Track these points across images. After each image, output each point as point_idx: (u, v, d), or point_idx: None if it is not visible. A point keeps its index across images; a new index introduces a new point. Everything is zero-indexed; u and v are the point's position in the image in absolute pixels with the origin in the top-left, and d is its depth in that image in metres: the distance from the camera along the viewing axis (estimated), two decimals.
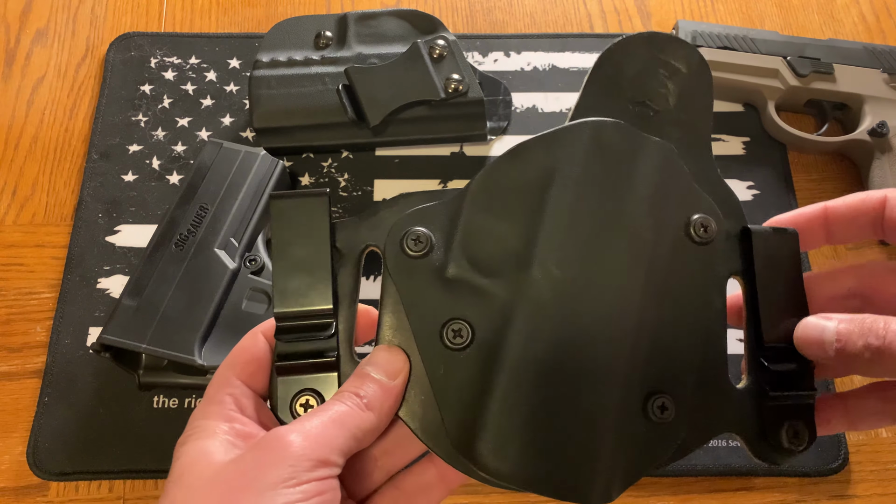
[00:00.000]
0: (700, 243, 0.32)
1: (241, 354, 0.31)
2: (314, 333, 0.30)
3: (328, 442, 0.27)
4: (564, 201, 0.31)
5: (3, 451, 0.50)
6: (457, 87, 0.56)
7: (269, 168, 0.54)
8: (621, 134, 0.32)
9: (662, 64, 0.35)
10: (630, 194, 0.31)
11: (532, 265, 0.30)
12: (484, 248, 0.31)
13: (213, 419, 0.28)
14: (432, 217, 0.32)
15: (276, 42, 0.59)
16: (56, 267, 0.56)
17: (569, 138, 0.32)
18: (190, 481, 0.26)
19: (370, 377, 0.29)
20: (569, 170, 0.31)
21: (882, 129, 0.57)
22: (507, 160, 0.32)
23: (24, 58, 0.64)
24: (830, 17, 0.68)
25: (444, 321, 0.30)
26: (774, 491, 0.50)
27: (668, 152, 0.32)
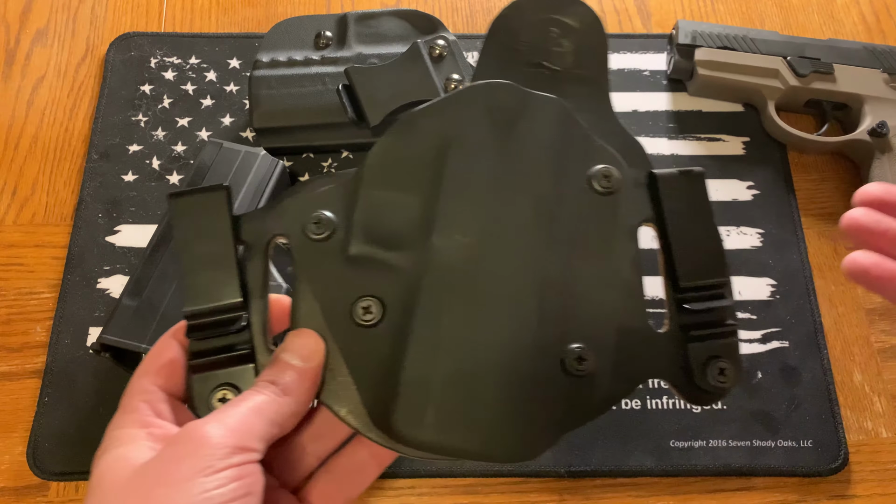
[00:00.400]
0: (604, 193, 0.32)
1: (153, 360, 0.30)
2: (226, 328, 0.30)
3: (245, 430, 0.27)
4: (460, 166, 0.31)
5: (3, 450, 0.50)
6: (457, 87, 0.56)
7: (269, 168, 0.54)
8: (510, 94, 0.32)
9: (555, 23, 0.35)
10: (525, 153, 0.31)
11: (433, 233, 0.30)
12: (384, 223, 0.31)
13: (129, 427, 0.28)
14: (332, 199, 0.32)
15: (276, 42, 0.59)
16: (56, 267, 0.56)
17: (459, 104, 0.32)
18: (107, 485, 0.26)
19: (284, 362, 0.29)
20: (461, 135, 0.31)
21: (882, 129, 0.57)
22: (399, 132, 0.32)
23: (24, 58, 0.64)
24: (830, 17, 0.68)
25: (353, 300, 0.30)
26: (774, 491, 0.50)
27: (560, 107, 0.32)
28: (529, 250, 0.30)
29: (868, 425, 0.52)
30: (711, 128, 0.61)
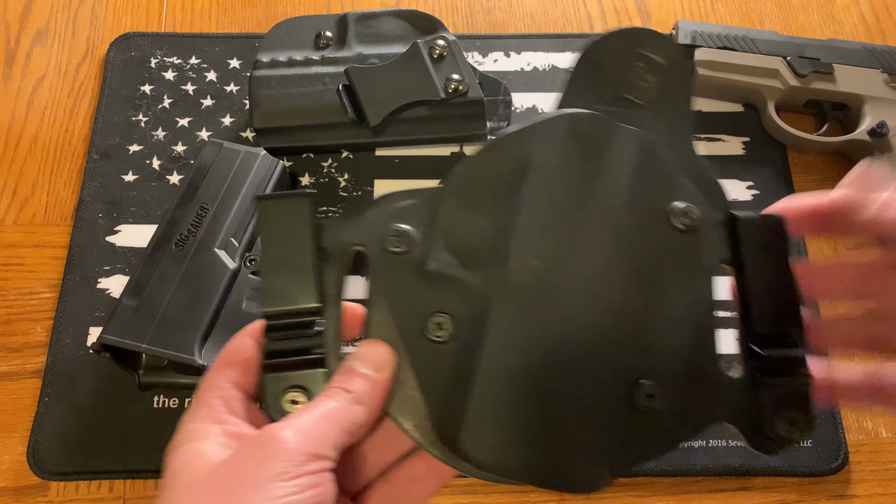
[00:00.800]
0: (683, 231, 0.31)
1: (229, 357, 0.31)
2: (301, 331, 0.31)
3: (320, 436, 0.27)
4: (541, 192, 0.31)
5: (3, 450, 0.50)
6: (457, 87, 0.56)
7: (270, 168, 0.54)
8: (596, 124, 0.32)
9: (642, 58, 0.35)
10: (608, 184, 0.31)
11: (510, 256, 0.30)
12: (463, 242, 0.31)
13: (204, 422, 0.28)
14: (413, 214, 0.32)
15: (276, 42, 0.59)
16: (56, 267, 0.56)
17: (544, 130, 0.32)
18: (185, 481, 0.26)
19: (357, 372, 0.30)
20: (544, 161, 0.31)
21: (882, 129, 0.57)
22: (483, 154, 0.32)
23: (24, 58, 0.64)
24: (830, 17, 0.68)
25: (427, 315, 0.30)
26: (774, 491, 0.50)
27: (645, 141, 0.32)
28: (605, 280, 0.30)
29: (868, 425, 0.52)
30: (711, 128, 0.61)
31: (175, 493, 0.26)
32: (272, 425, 0.27)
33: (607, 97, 0.35)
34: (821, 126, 0.61)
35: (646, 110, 0.35)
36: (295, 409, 0.29)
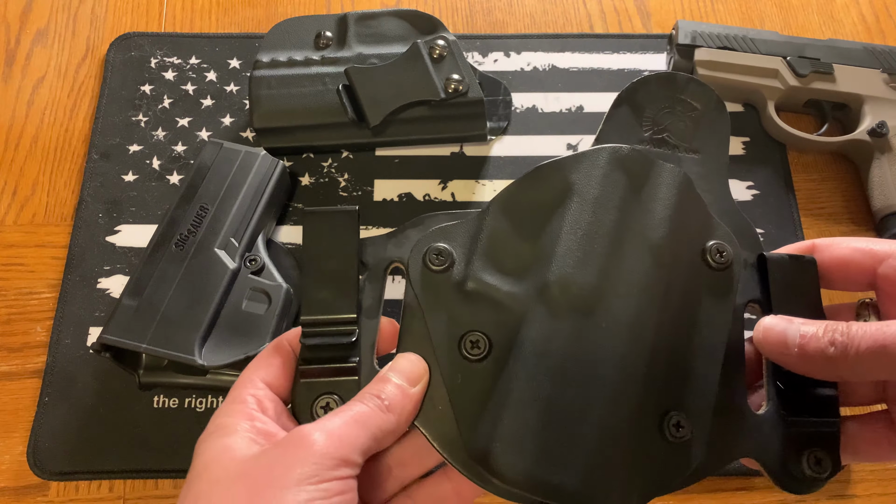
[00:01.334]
0: (717, 269, 0.32)
1: (266, 358, 0.32)
2: (337, 339, 0.31)
3: (350, 441, 0.28)
4: (582, 219, 0.32)
5: (4, 450, 0.50)
6: (457, 87, 0.56)
7: (270, 168, 0.54)
8: (637, 158, 0.33)
9: (679, 102, 0.37)
10: (646, 215, 0.32)
11: (548, 280, 0.31)
12: (502, 263, 0.32)
13: (235, 417, 0.29)
14: (454, 234, 0.33)
15: (276, 42, 0.59)
16: (56, 267, 0.56)
17: (587, 160, 0.33)
18: (214, 475, 0.27)
19: (391, 381, 0.30)
20: (586, 190, 0.32)
21: (882, 129, 0.57)
22: (527, 181, 0.33)
23: (24, 58, 0.64)
24: (830, 17, 0.68)
25: (463, 333, 0.31)
26: (774, 491, 0.50)
27: (683, 178, 0.33)
28: (642, 310, 0.30)
29: None
30: None
31: (202, 487, 0.27)
32: (303, 427, 0.28)
33: (645, 136, 0.36)
34: (821, 126, 0.61)
35: (682, 152, 0.36)
36: None
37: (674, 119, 0.36)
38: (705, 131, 0.36)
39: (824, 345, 0.28)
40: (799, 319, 0.29)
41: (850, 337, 0.27)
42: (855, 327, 0.27)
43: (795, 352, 0.28)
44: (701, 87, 0.37)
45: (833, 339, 0.27)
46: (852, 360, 0.27)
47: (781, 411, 0.31)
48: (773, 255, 0.33)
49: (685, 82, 0.37)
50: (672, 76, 0.37)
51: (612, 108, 0.37)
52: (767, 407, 0.31)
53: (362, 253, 0.33)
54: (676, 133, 0.36)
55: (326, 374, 0.31)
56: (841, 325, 0.28)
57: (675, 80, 0.37)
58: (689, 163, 0.36)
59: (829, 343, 0.27)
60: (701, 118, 0.36)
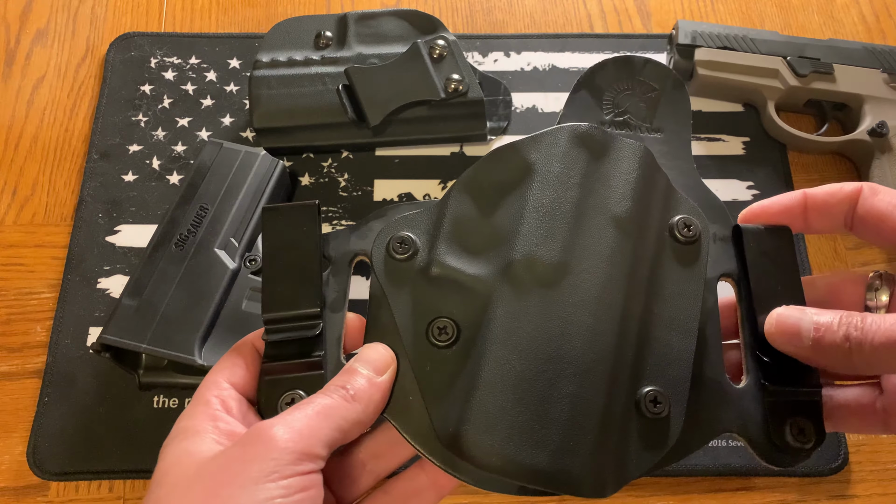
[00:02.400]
0: (685, 242, 0.32)
1: (229, 359, 0.31)
2: (301, 333, 0.31)
3: (312, 433, 0.27)
4: (544, 197, 0.31)
5: (3, 451, 0.50)
6: (457, 87, 0.56)
7: (269, 168, 0.54)
8: (597, 134, 0.33)
9: (639, 84, 0.37)
10: (609, 190, 0.32)
11: (513, 259, 0.30)
12: (466, 246, 0.32)
13: (198, 419, 0.28)
14: (417, 222, 0.33)
15: (276, 42, 0.59)
16: (56, 267, 0.56)
17: (546, 139, 0.33)
18: (173, 480, 0.26)
19: (357, 371, 0.30)
20: (547, 168, 0.32)
21: (882, 129, 0.57)
22: (487, 162, 0.33)
23: (24, 58, 0.64)
24: (830, 17, 0.68)
25: (430, 320, 0.31)
26: (774, 491, 0.50)
27: (644, 152, 0.33)
28: (610, 283, 0.30)
29: None
30: (711, 128, 0.61)
31: (162, 492, 0.26)
32: (263, 422, 0.27)
33: (606, 119, 0.36)
34: (821, 126, 0.61)
35: (644, 132, 0.36)
36: None
37: (633, 100, 0.36)
38: (665, 110, 0.36)
39: (839, 338, 0.27)
40: (812, 309, 0.28)
41: (865, 331, 0.26)
42: (870, 320, 0.26)
43: (809, 344, 0.28)
44: (658, 67, 0.37)
45: (848, 334, 0.27)
46: (867, 354, 0.26)
47: (762, 382, 0.30)
48: (748, 227, 0.33)
49: (642, 64, 0.37)
50: (629, 59, 0.37)
51: (572, 94, 0.37)
52: (747, 379, 0.31)
53: (325, 247, 0.33)
54: (637, 114, 0.36)
55: (291, 370, 0.31)
56: (856, 318, 0.27)
57: (631, 62, 0.37)
58: (651, 142, 0.36)
59: (845, 337, 0.27)
60: (660, 98, 0.36)
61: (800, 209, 0.32)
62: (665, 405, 0.29)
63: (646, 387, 0.29)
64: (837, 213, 0.31)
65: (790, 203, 0.32)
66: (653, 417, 0.29)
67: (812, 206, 0.32)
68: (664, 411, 0.29)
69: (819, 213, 0.32)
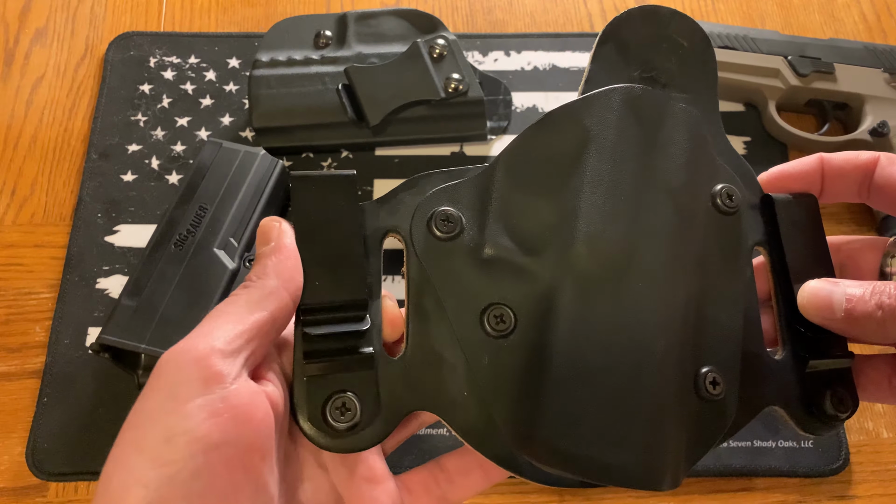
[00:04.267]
0: (726, 213, 0.31)
1: None
2: (347, 326, 0.27)
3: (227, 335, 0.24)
4: (603, 169, 0.29)
5: (2, 451, 0.50)
6: (457, 87, 0.56)
7: (269, 168, 0.54)
8: (652, 99, 0.31)
9: (665, 38, 0.34)
10: (666, 162, 0.30)
11: (576, 240, 0.28)
12: (522, 225, 0.29)
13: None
14: (460, 195, 0.29)
15: (276, 42, 0.59)
16: (55, 267, 0.55)
17: (600, 104, 0.30)
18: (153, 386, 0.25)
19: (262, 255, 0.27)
20: (603, 136, 0.29)
21: (883, 128, 0.57)
22: (536, 130, 0.30)
23: (23, 57, 0.64)
24: (831, 16, 0.67)
25: (484, 307, 0.28)
26: (775, 491, 0.50)
27: (696, 119, 0.31)
28: (672, 265, 0.28)
29: (869, 426, 0.52)
30: None
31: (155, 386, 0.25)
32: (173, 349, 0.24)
33: (634, 75, 0.33)
34: (822, 126, 0.61)
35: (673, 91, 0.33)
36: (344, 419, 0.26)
37: (660, 57, 0.34)
38: (693, 69, 0.34)
39: (872, 308, 0.26)
40: (844, 281, 0.28)
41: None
42: None
43: (842, 316, 0.27)
44: (686, 21, 0.34)
45: (881, 302, 0.26)
46: None
47: (799, 354, 0.30)
48: (779, 196, 0.31)
49: (669, 16, 0.34)
50: (655, 9, 0.34)
51: (598, 47, 0.34)
52: (784, 351, 0.30)
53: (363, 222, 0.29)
54: (665, 72, 0.33)
55: (337, 369, 0.27)
56: (889, 286, 0.26)
57: (658, 13, 0.34)
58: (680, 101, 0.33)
59: (877, 306, 0.26)
60: (688, 56, 0.34)
61: (817, 174, 0.32)
62: (722, 387, 0.28)
63: (703, 368, 0.28)
64: (853, 180, 0.31)
65: (808, 168, 0.32)
66: (711, 399, 0.28)
67: (828, 171, 0.32)
68: (722, 392, 0.28)
69: (835, 178, 0.32)
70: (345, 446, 0.27)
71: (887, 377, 0.31)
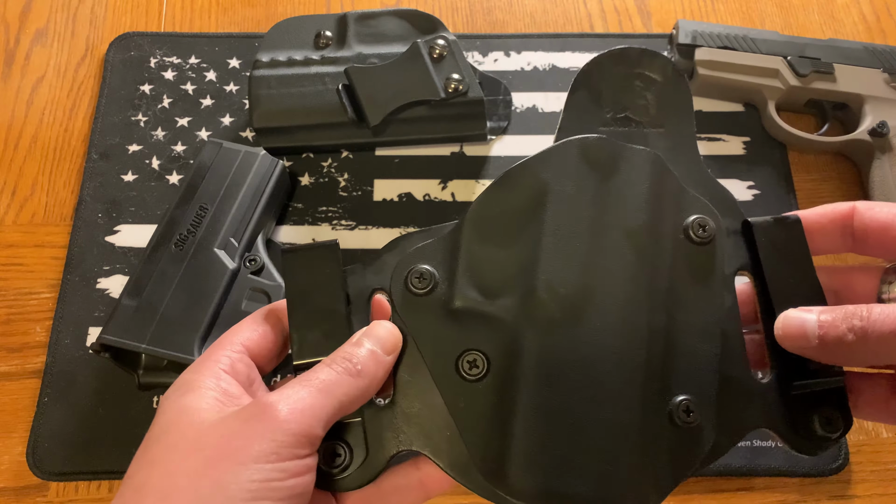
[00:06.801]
0: (700, 243, 0.32)
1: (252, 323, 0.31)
2: None
3: (314, 413, 0.26)
4: (560, 219, 0.31)
5: (3, 451, 0.50)
6: (457, 87, 0.56)
7: (269, 168, 0.54)
8: (606, 147, 0.32)
9: (638, 76, 0.36)
10: (622, 204, 0.32)
11: (536, 287, 0.30)
12: (487, 276, 0.31)
13: (202, 374, 0.28)
14: (433, 253, 0.32)
15: (276, 42, 0.59)
16: (56, 267, 0.56)
17: (556, 158, 0.32)
18: (172, 440, 0.26)
19: (364, 346, 0.29)
20: (560, 188, 0.32)
21: (882, 128, 0.57)
22: (497, 187, 0.33)
23: (23, 58, 0.64)
24: (830, 16, 0.68)
25: (458, 353, 0.30)
26: (775, 491, 0.50)
27: (653, 158, 0.33)
28: (632, 301, 0.30)
29: (868, 425, 0.52)
30: (712, 127, 0.61)
31: (158, 452, 0.26)
32: (267, 396, 0.26)
33: (607, 118, 0.35)
34: (821, 126, 0.61)
35: (647, 128, 0.35)
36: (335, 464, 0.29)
37: (633, 95, 0.35)
38: (667, 103, 0.35)
39: (842, 332, 0.27)
40: (818, 308, 0.29)
41: (871, 321, 0.26)
42: (877, 310, 0.26)
43: (816, 343, 0.28)
44: (655, 57, 0.36)
45: (851, 326, 0.27)
46: (873, 344, 0.26)
47: (786, 376, 0.30)
48: (757, 221, 0.32)
49: (638, 56, 0.36)
50: (624, 51, 0.36)
51: (570, 95, 0.36)
52: (771, 373, 0.31)
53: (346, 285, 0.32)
54: (638, 110, 0.35)
55: None
56: (861, 310, 0.27)
57: (628, 55, 0.36)
58: (655, 138, 0.35)
59: (848, 330, 0.27)
60: (661, 90, 0.35)
61: None
62: (697, 413, 0.29)
63: (677, 397, 0.29)
64: (832, 232, 0.32)
65: None
66: (686, 427, 0.29)
67: (807, 228, 0.32)
68: (697, 420, 0.29)
69: (815, 235, 0.32)
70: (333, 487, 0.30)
71: (885, 398, 0.31)
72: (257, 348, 0.30)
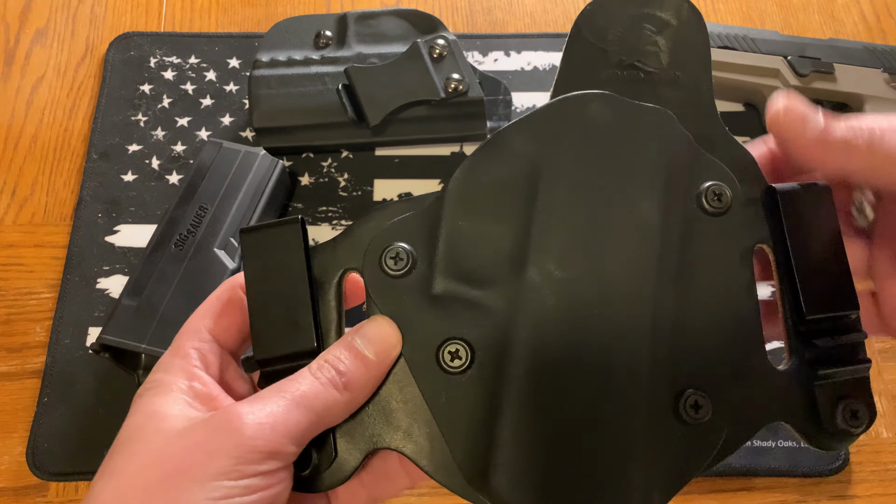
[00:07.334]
0: (715, 214, 0.28)
1: (215, 305, 0.28)
2: None
3: (287, 430, 0.24)
4: (555, 191, 0.27)
5: (3, 451, 0.50)
6: (457, 87, 0.56)
7: (269, 168, 0.54)
8: (609, 106, 0.28)
9: (648, 18, 0.31)
10: (629, 174, 0.28)
11: (528, 268, 0.27)
12: (472, 256, 0.27)
13: (174, 374, 0.26)
14: (411, 229, 0.28)
15: (276, 42, 0.59)
16: (56, 267, 0.56)
17: (551, 119, 0.28)
18: (136, 448, 0.25)
19: (355, 350, 0.27)
20: (556, 155, 0.28)
21: None
22: (485, 153, 0.29)
23: (23, 57, 0.64)
24: (831, 16, 0.67)
25: (439, 343, 0.27)
26: (775, 491, 0.50)
27: (666, 119, 0.28)
28: (637, 284, 0.27)
29: None
30: None
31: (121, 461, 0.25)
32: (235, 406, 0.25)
33: (612, 67, 0.31)
34: None
35: (658, 78, 0.31)
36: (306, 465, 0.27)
37: (643, 40, 0.31)
38: (681, 50, 0.30)
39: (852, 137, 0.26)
40: None
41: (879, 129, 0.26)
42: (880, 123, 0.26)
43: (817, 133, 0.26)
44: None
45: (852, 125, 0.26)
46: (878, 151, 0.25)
47: (807, 364, 0.27)
48: (784, 188, 0.28)
49: None
50: None
51: (569, 42, 0.31)
52: (790, 360, 0.28)
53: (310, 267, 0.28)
54: (648, 57, 0.30)
55: None
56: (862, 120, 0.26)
57: None
58: (667, 90, 0.30)
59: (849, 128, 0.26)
60: (675, 35, 0.31)
61: None
62: (707, 409, 0.26)
63: (685, 390, 0.26)
64: None
65: None
66: (694, 424, 0.26)
67: None
68: (706, 416, 0.26)
69: None
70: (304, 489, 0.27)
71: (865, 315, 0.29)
72: (226, 333, 0.28)
